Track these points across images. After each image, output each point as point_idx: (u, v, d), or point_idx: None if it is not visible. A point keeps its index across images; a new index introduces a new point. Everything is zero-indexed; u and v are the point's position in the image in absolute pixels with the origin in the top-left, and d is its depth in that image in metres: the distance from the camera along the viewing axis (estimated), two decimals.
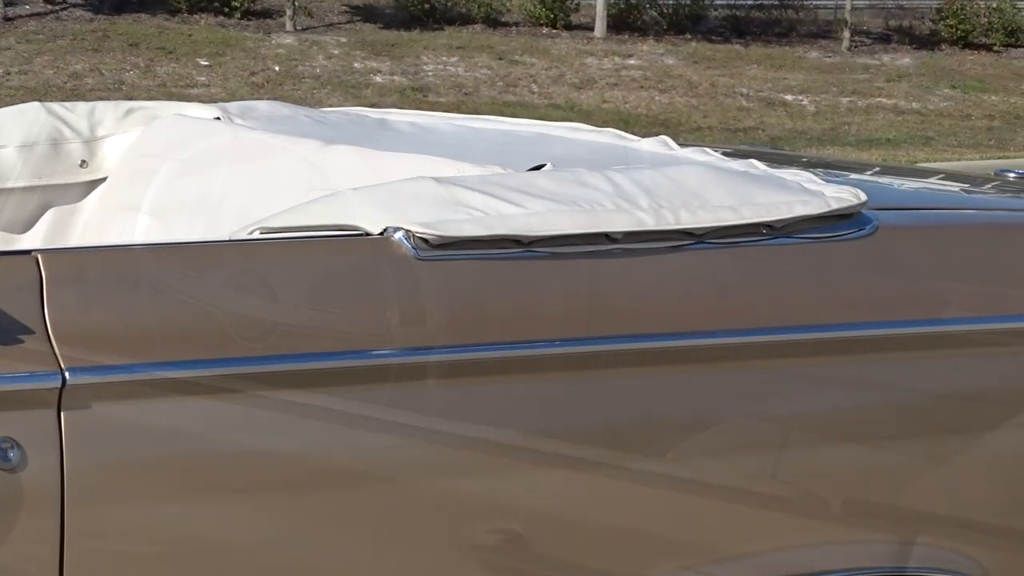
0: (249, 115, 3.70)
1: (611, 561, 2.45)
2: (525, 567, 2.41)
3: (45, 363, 2.09)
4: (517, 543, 2.40)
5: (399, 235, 2.35)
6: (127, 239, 3.41)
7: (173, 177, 3.46)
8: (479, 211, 2.40)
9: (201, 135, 3.50)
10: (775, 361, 2.55)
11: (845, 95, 21.50)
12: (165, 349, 2.16)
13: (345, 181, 2.82)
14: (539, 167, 2.74)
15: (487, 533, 2.38)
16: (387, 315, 2.30)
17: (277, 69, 19.62)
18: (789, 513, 2.59)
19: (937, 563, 2.72)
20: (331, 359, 2.25)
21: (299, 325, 2.25)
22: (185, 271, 2.25)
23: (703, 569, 2.53)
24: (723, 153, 3.18)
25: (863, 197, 2.68)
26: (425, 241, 2.34)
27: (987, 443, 2.77)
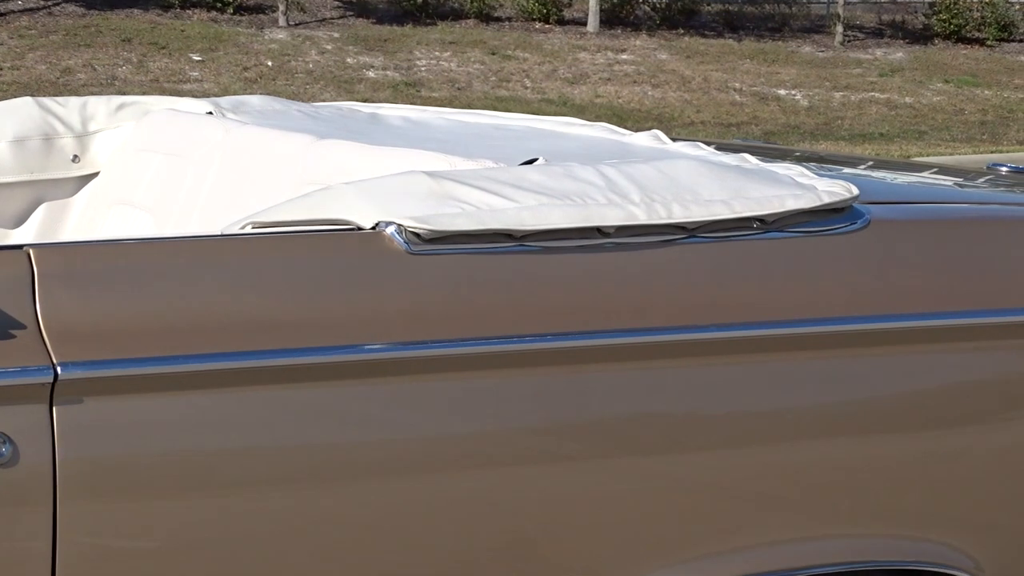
0: (241, 110, 3.70)
1: (604, 556, 2.45)
2: (520, 563, 2.41)
3: (37, 358, 2.09)
4: (512, 538, 2.40)
5: (391, 229, 2.35)
6: (119, 234, 3.41)
7: (165, 172, 3.46)
8: (471, 205, 2.40)
9: (193, 130, 3.50)
10: (767, 355, 2.55)
11: (838, 90, 21.50)
12: (157, 344, 2.16)
13: (337, 175, 2.82)
14: (531, 161, 2.74)
15: (482, 528, 2.38)
16: (379, 309, 2.30)
17: (270, 64, 19.60)
18: (781, 508, 2.59)
19: (930, 557, 2.72)
20: (323, 354, 2.25)
21: (291, 319, 2.25)
22: (177, 266, 2.25)
23: (695, 564, 2.53)
24: (716, 147, 3.18)
25: (855, 191, 2.68)
26: (417, 235, 2.34)
27: (979, 437, 2.77)
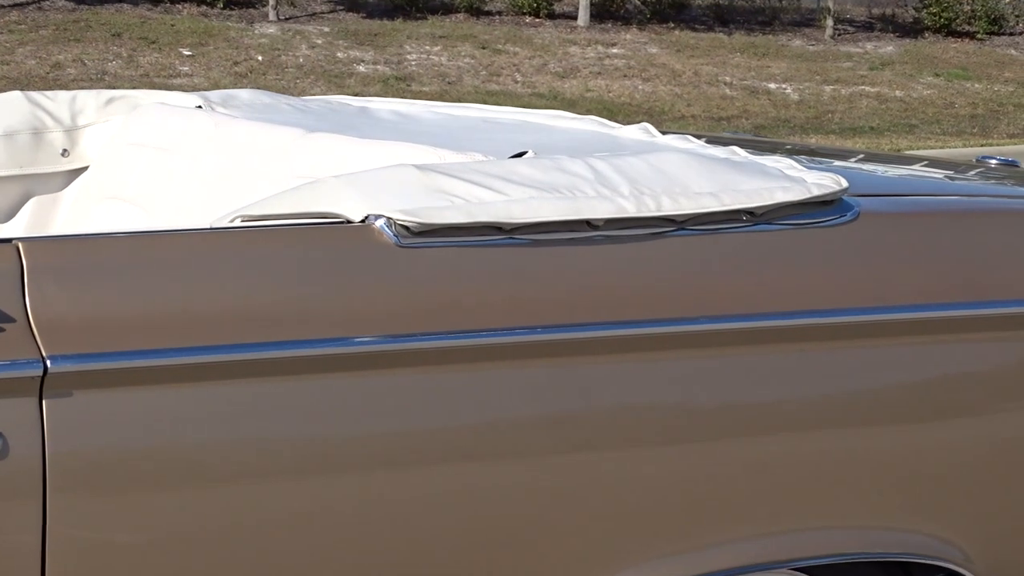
0: (231, 103, 3.70)
1: (591, 546, 2.46)
2: (506, 555, 2.42)
3: (26, 351, 2.09)
4: (502, 531, 2.40)
5: (380, 222, 2.35)
6: (109, 227, 3.41)
7: (154, 165, 3.45)
8: (460, 198, 2.40)
9: (183, 124, 3.50)
10: (756, 348, 2.55)
11: (828, 83, 21.51)
12: (147, 337, 2.16)
13: (326, 169, 2.81)
14: (520, 154, 2.74)
15: (475, 520, 2.38)
16: (368, 302, 2.30)
17: (260, 59, 19.58)
18: (768, 501, 2.59)
19: (919, 549, 2.72)
20: (313, 346, 2.25)
21: (280, 312, 2.25)
22: (166, 259, 2.25)
23: (683, 557, 2.53)
24: (706, 140, 3.18)
25: (844, 184, 2.68)
26: (406, 228, 2.34)
27: (968, 428, 2.78)
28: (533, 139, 3.17)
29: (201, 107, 3.64)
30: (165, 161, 3.42)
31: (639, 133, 3.41)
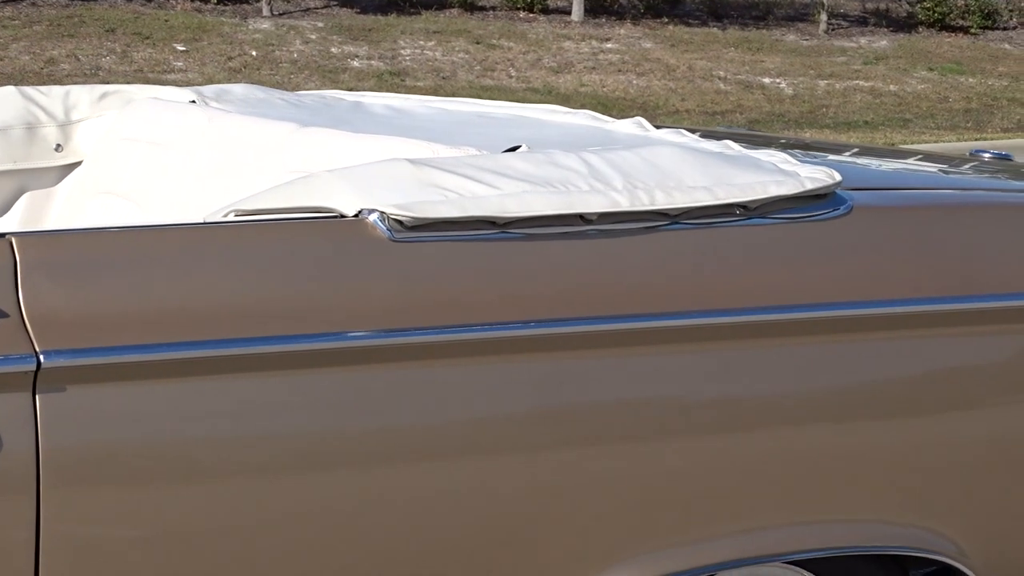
0: (224, 98, 3.70)
1: (586, 539, 2.46)
2: (503, 551, 2.42)
3: (20, 346, 2.09)
4: (499, 522, 2.40)
5: (374, 217, 2.35)
6: (102, 222, 3.40)
7: (148, 160, 3.45)
8: (454, 193, 2.39)
9: (176, 118, 3.49)
10: (750, 342, 2.55)
11: (823, 78, 21.52)
12: (140, 332, 2.16)
13: (320, 163, 2.81)
14: (514, 149, 2.74)
15: (470, 513, 2.38)
16: (362, 296, 2.30)
17: (254, 54, 19.57)
18: (763, 495, 2.59)
19: (914, 542, 2.72)
20: (307, 341, 2.24)
21: (274, 307, 2.24)
22: (160, 254, 2.25)
23: (680, 550, 2.53)
24: (700, 135, 3.18)
25: (838, 177, 2.68)
26: (400, 223, 2.34)
27: (962, 422, 2.78)
28: (527, 134, 3.17)
29: (195, 102, 3.63)
30: (159, 156, 3.42)
31: (633, 127, 3.40)
